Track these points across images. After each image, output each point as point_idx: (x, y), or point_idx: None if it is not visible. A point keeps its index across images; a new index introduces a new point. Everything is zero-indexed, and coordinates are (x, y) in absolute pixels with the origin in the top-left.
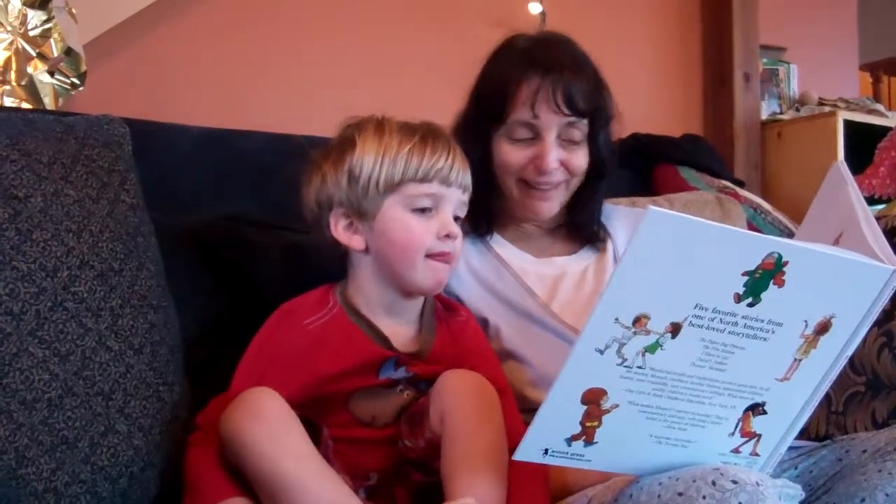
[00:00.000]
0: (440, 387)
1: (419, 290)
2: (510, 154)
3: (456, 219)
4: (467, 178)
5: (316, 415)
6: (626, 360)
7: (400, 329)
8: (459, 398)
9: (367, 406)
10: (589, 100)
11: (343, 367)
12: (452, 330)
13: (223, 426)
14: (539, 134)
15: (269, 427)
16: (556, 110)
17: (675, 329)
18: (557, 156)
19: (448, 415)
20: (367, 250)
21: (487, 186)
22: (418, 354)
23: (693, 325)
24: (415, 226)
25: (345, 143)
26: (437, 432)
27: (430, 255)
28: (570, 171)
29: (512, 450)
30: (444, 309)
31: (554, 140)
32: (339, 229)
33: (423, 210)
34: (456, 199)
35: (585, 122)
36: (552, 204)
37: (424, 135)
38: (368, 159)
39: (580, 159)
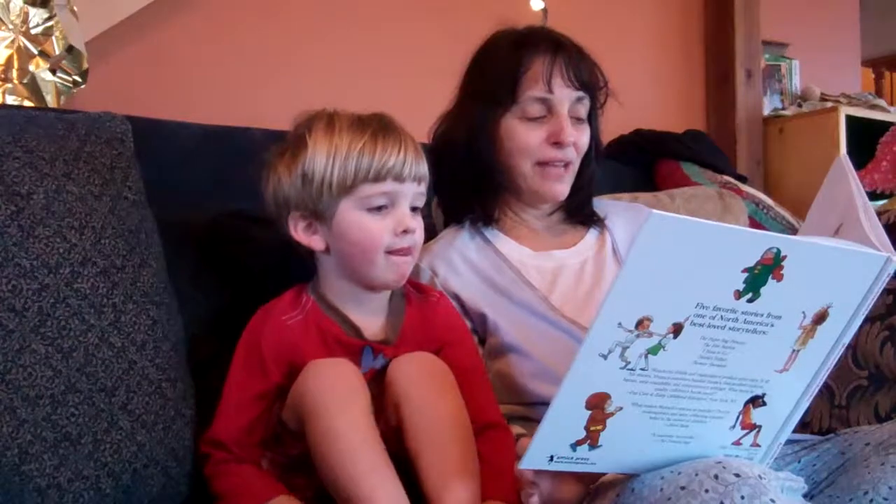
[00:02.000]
0: (390, 375)
1: (383, 285)
2: (527, 134)
3: (415, 209)
4: (422, 169)
5: None
6: (629, 363)
7: (370, 319)
8: (409, 385)
9: None
10: (594, 76)
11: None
12: (424, 312)
13: (295, 390)
14: (553, 109)
15: (340, 390)
16: (569, 84)
17: (677, 329)
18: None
19: (401, 404)
20: (327, 250)
21: (487, 179)
22: (386, 341)
23: (694, 325)
24: (371, 226)
25: (297, 142)
26: (392, 418)
27: (389, 252)
28: (577, 149)
29: (478, 426)
30: (415, 292)
31: (567, 114)
32: (299, 231)
33: (378, 208)
34: (412, 192)
35: (588, 99)
36: (566, 185)
37: (374, 131)
38: (320, 161)
39: (586, 137)
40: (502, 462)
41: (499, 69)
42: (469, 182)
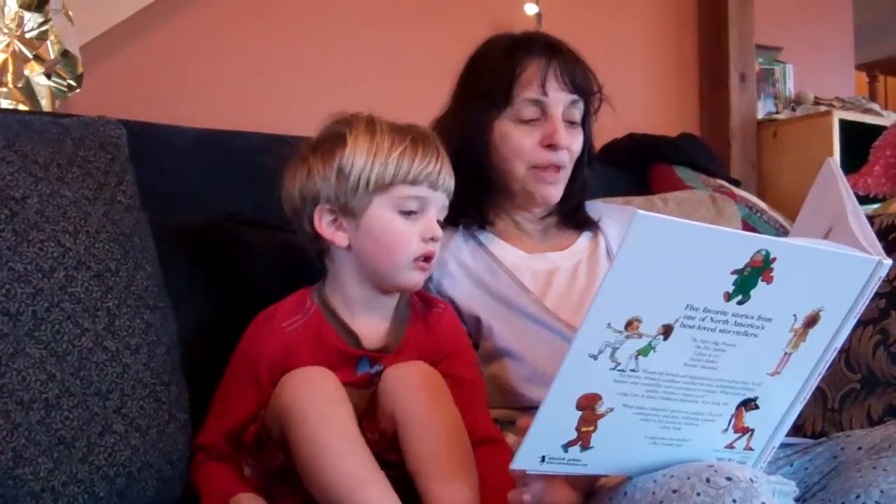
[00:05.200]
0: (384, 385)
1: (399, 288)
2: (521, 137)
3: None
4: (452, 182)
5: None
6: (619, 364)
7: (375, 325)
8: (404, 395)
9: None
10: (588, 81)
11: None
12: (428, 322)
13: (275, 399)
14: (547, 111)
15: (320, 401)
16: (563, 87)
17: (667, 331)
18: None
19: (398, 413)
20: (349, 247)
21: (481, 182)
22: (386, 349)
23: (684, 326)
24: (401, 228)
25: (334, 139)
26: (388, 427)
27: (414, 257)
28: (570, 153)
29: (474, 440)
30: (421, 302)
31: (561, 117)
32: (323, 225)
33: (409, 212)
34: (440, 202)
35: (582, 103)
36: (559, 188)
37: (415, 138)
38: (360, 157)
39: (579, 142)
40: (500, 478)
41: (493, 71)
42: (463, 185)
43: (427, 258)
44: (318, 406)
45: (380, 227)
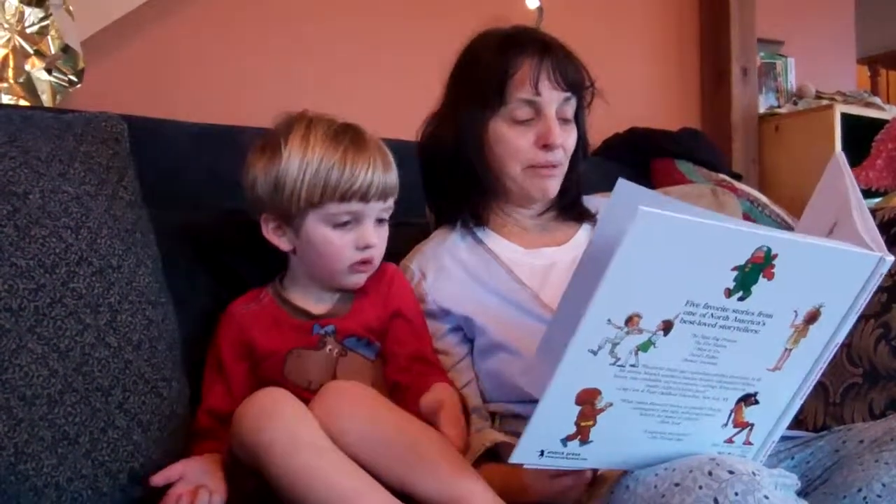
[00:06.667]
0: (325, 426)
1: (342, 288)
2: (516, 138)
3: (381, 221)
4: (389, 185)
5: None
6: (619, 359)
7: (324, 301)
8: (343, 423)
9: (301, 370)
10: (580, 76)
11: (269, 339)
12: (378, 285)
13: (237, 427)
14: (540, 111)
15: (285, 423)
16: (556, 86)
17: (668, 327)
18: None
19: (350, 447)
20: (294, 251)
21: (476, 181)
22: (333, 314)
23: (685, 322)
24: (335, 240)
25: (273, 148)
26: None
27: (348, 265)
28: (565, 150)
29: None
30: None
31: (554, 115)
32: (269, 231)
33: (344, 223)
34: (376, 209)
35: (575, 99)
36: (557, 181)
37: (346, 149)
38: (291, 174)
39: (573, 138)
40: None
41: (486, 72)
42: (458, 184)
43: (364, 262)
44: (283, 433)
45: (316, 240)
